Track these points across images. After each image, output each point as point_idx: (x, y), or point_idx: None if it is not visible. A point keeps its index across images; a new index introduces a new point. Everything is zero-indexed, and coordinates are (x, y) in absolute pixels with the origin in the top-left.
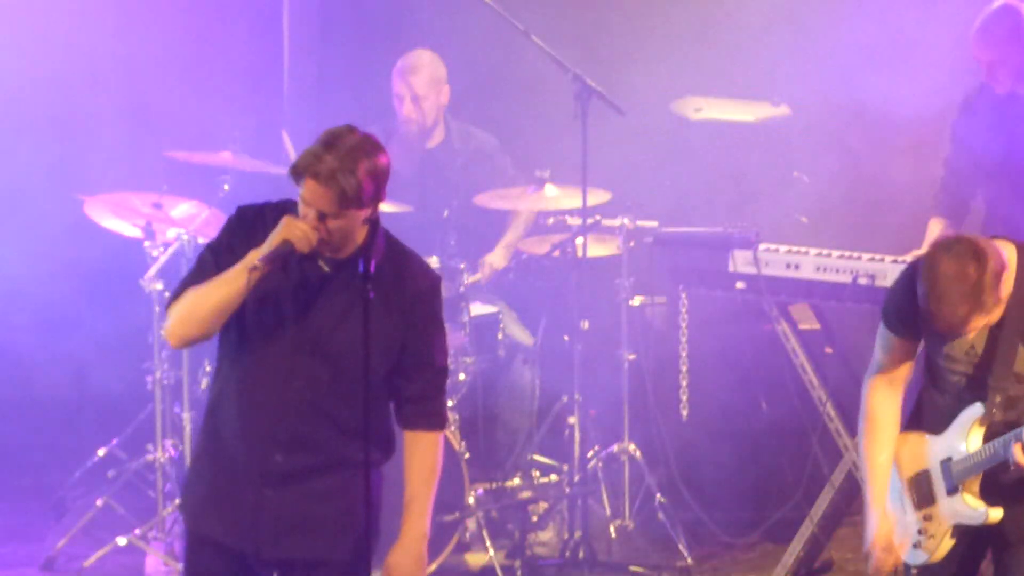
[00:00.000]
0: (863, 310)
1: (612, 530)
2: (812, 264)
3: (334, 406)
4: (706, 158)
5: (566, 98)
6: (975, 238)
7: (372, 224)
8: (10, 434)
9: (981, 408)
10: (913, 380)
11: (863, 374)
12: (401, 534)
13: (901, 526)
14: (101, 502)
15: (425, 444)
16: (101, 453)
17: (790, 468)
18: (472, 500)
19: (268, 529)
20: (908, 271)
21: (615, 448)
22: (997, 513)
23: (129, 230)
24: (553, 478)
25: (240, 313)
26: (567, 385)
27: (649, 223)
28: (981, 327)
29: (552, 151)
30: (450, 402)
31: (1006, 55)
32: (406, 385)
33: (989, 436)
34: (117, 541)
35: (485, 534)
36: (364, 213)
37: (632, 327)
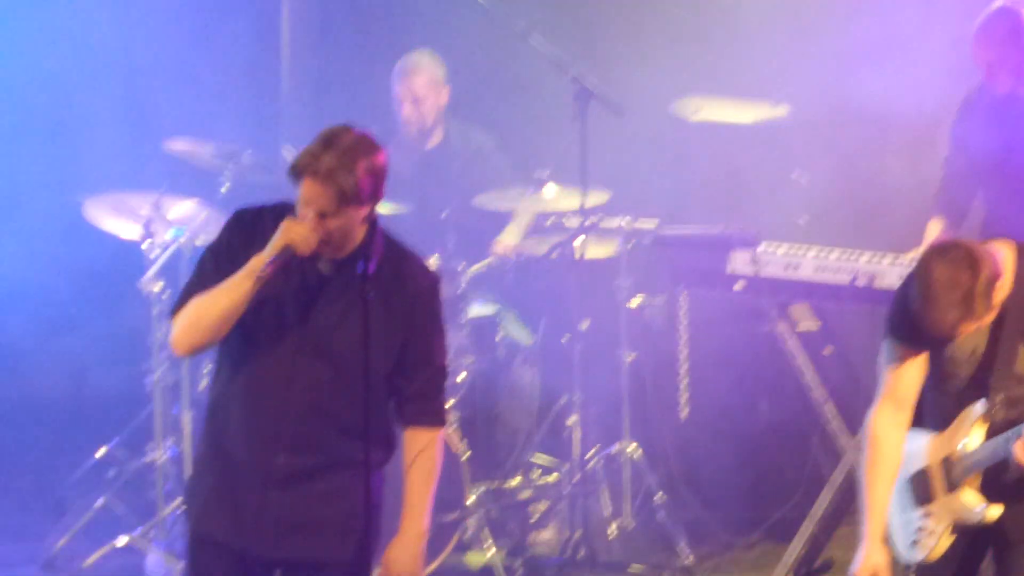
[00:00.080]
0: (862, 310)
1: (612, 530)
2: (811, 264)
3: (336, 407)
4: (705, 158)
5: (566, 98)
6: (971, 244)
7: (371, 223)
8: (10, 434)
9: (983, 407)
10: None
11: (863, 374)
12: (400, 531)
13: (899, 525)
14: (101, 502)
15: (425, 443)
16: (101, 453)
17: (790, 468)
18: (472, 500)
19: (272, 530)
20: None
21: (615, 448)
22: (995, 511)
23: (128, 230)
24: (553, 478)
25: (240, 316)
26: (567, 385)
27: (648, 223)
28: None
29: (551, 151)
30: (450, 402)
31: (1006, 55)
32: (407, 384)
33: (990, 435)
34: (117, 541)
35: (485, 534)
36: (363, 211)
37: (632, 327)
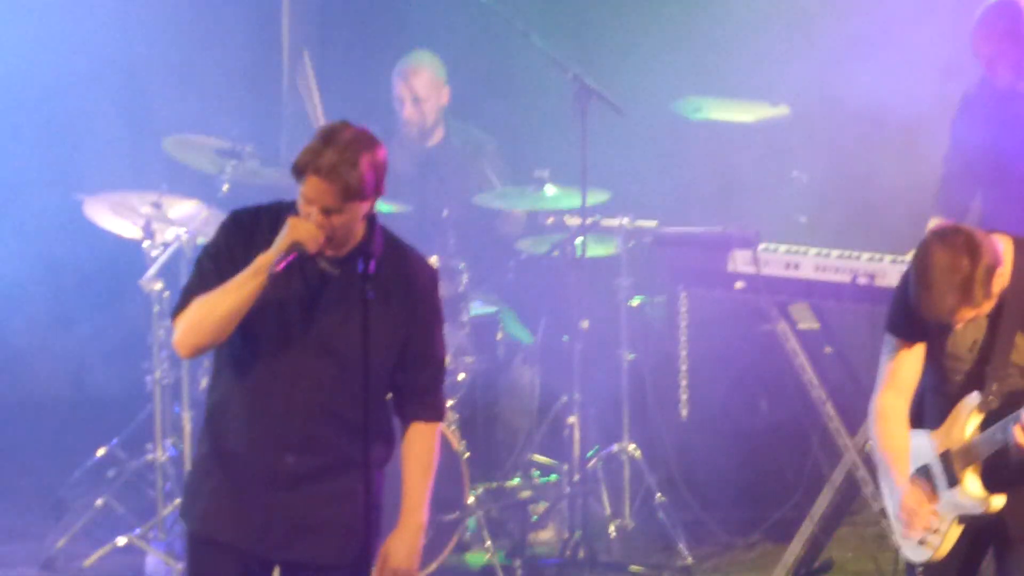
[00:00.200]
0: (862, 310)
1: (612, 530)
2: (811, 264)
3: (342, 406)
4: (705, 158)
5: (566, 98)
6: (972, 231)
7: (370, 220)
8: (10, 434)
9: (978, 397)
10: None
11: (863, 373)
12: (399, 524)
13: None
14: (101, 502)
15: (424, 436)
16: (101, 453)
17: (790, 468)
18: (472, 500)
19: (281, 532)
20: (907, 274)
21: (615, 448)
22: (999, 500)
23: (128, 230)
24: (553, 478)
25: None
26: (567, 385)
27: (648, 223)
28: (978, 321)
29: (552, 151)
30: (450, 402)
31: (1006, 49)
32: (409, 379)
33: (986, 425)
34: (117, 541)
35: (485, 534)
36: (365, 207)
37: (632, 327)
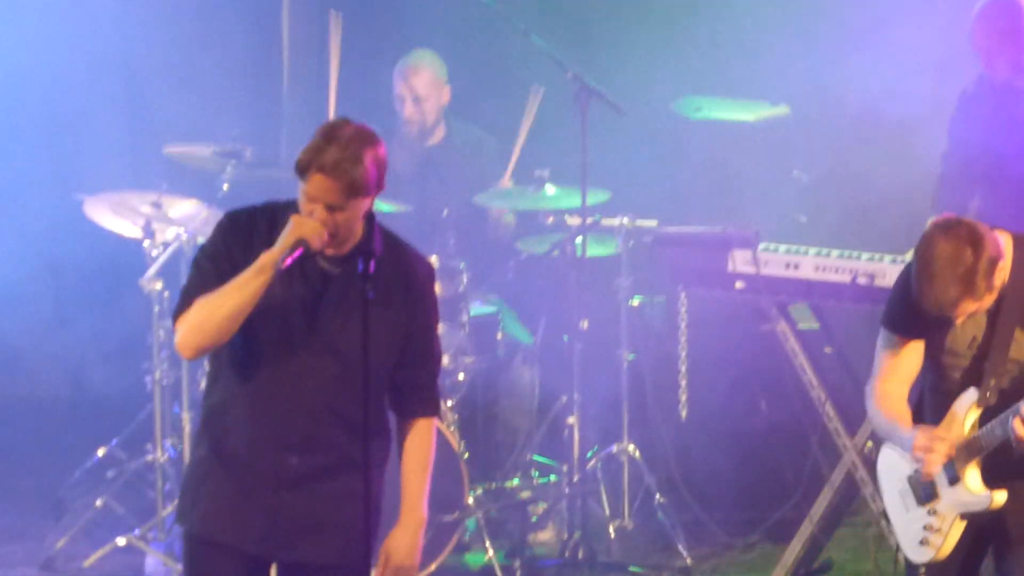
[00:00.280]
0: (862, 310)
1: (611, 530)
2: (811, 264)
3: (344, 405)
4: (705, 158)
5: (566, 98)
6: (974, 223)
7: (368, 219)
8: (10, 434)
9: (975, 392)
10: (914, 382)
11: (863, 373)
12: (399, 520)
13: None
14: (101, 502)
15: (423, 432)
16: (101, 453)
17: (790, 468)
18: (471, 500)
19: (284, 532)
20: (907, 270)
21: (614, 448)
22: (1001, 496)
23: (128, 230)
24: (552, 478)
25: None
26: (566, 385)
27: (648, 223)
28: (977, 317)
29: (552, 151)
30: (450, 402)
31: (1004, 45)
32: (409, 377)
33: (985, 421)
34: (117, 541)
35: (485, 534)
36: (367, 203)
37: (631, 327)
